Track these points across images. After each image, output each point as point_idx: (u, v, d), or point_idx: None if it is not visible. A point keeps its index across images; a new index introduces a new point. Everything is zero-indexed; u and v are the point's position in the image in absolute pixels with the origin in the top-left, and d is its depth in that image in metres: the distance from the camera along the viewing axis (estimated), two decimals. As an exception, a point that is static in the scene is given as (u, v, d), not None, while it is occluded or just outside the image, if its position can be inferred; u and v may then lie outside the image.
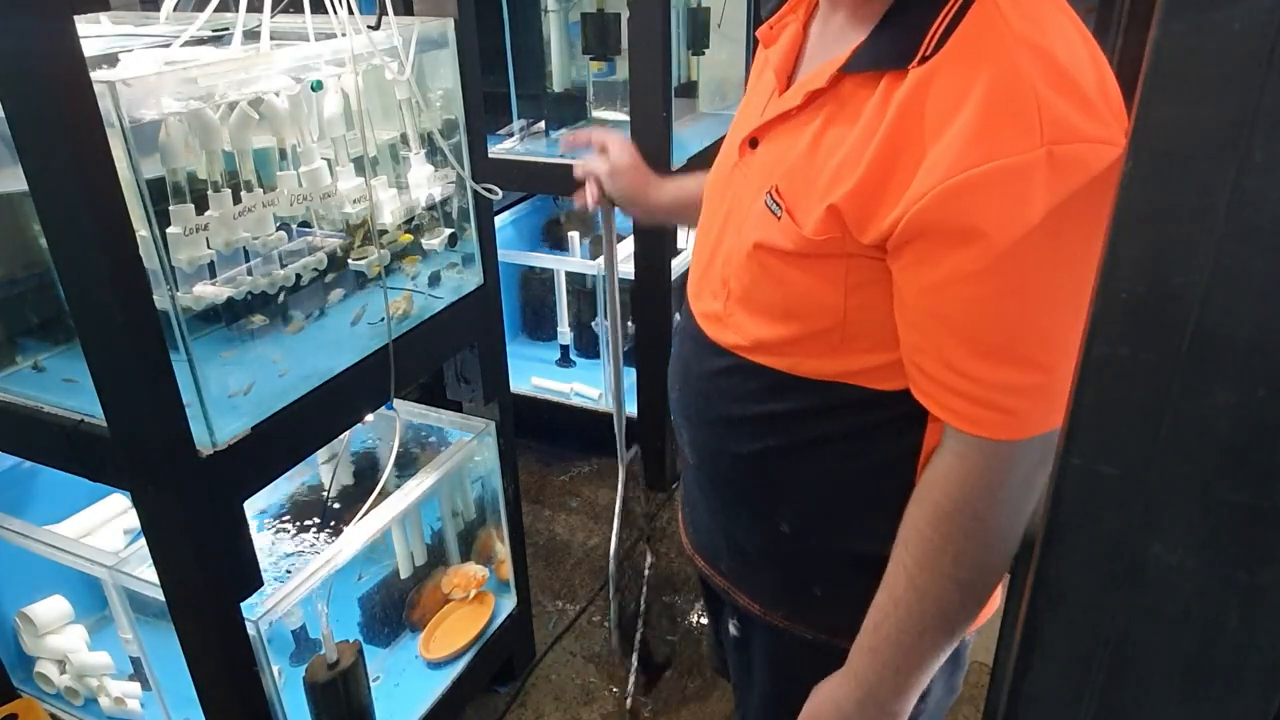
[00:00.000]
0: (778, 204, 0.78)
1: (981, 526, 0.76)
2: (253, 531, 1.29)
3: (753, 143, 0.85)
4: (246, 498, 1.27)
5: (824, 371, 0.83)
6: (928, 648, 0.82)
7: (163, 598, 1.28)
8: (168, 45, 1.28)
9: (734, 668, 1.11)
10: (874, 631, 0.83)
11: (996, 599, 0.95)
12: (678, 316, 1.18)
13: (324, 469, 1.93)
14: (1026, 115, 0.65)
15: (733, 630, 1.06)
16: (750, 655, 1.05)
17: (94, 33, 1.44)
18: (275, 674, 1.39)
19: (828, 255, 0.76)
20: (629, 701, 1.50)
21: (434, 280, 1.65)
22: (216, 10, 1.30)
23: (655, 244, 2.41)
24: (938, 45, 0.69)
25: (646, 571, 1.62)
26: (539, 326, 3.16)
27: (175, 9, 1.43)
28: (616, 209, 1.26)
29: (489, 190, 1.59)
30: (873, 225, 0.71)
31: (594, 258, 2.64)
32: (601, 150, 1.22)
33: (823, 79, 0.76)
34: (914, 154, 0.68)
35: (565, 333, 2.93)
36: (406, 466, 1.82)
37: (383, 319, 1.46)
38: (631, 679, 1.40)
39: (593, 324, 2.95)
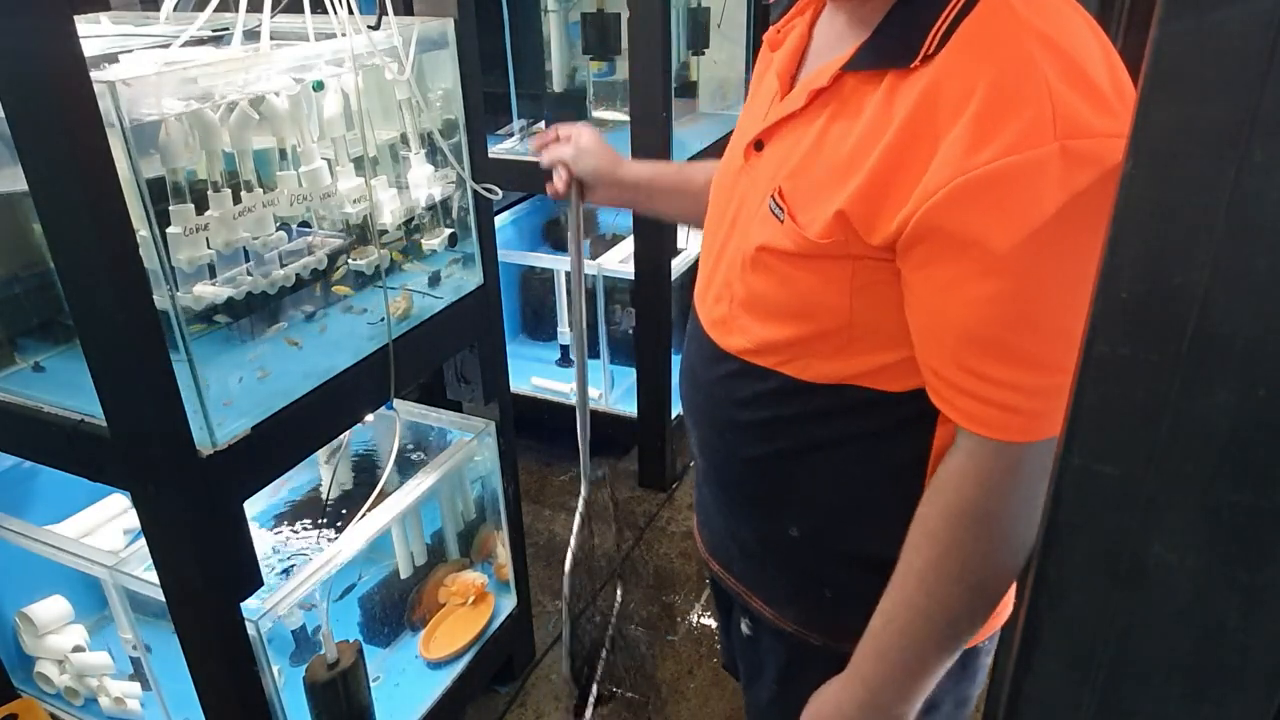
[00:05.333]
0: (780, 206, 0.78)
1: (993, 529, 0.75)
2: (253, 531, 1.30)
3: (758, 145, 0.84)
4: (246, 498, 1.27)
5: (832, 374, 0.82)
6: (934, 651, 0.81)
7: (163, 598, 1.28)
8: (168, 45, 1.28)
9: (745, 666, 1.10)
10: (880, 634, 0.82)
11: (1008, 605, 0.94)
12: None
13: (324, 469, 1.93)
14: (1039, 108, 0.63)
15: (744, 630, 1.06)
16: (761, 656, 1.05)
17: (94, 33, 1.44)
18: (275, 674, 1.39)
19: (833, 257, 0.75)
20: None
21: (434, 280, 1.65)
22: (216, 10, 1.30)
23: (655, 243, 2.41)
24: (942, 41, 0.68)
25: (616, 605, 1.57)
26: (539, 326, 3.16)
27: (175, 9, 1.43)
28: (586, 201, 1.23)
29: (489, 190, 1.59)
30: (880, 226, 0.70)
31: (594, 258, 2.64)
32: (567, 139, 1.20)
33: (825, 78, 0.76)
34: (922, 152, 0.67)
35: (565, 333, 2.93)
36: (406, 466, 1.82)
37: (383, 319, 1.47)
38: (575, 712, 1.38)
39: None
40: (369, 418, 1.52)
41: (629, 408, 2.70)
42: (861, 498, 0.87)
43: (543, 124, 2.82)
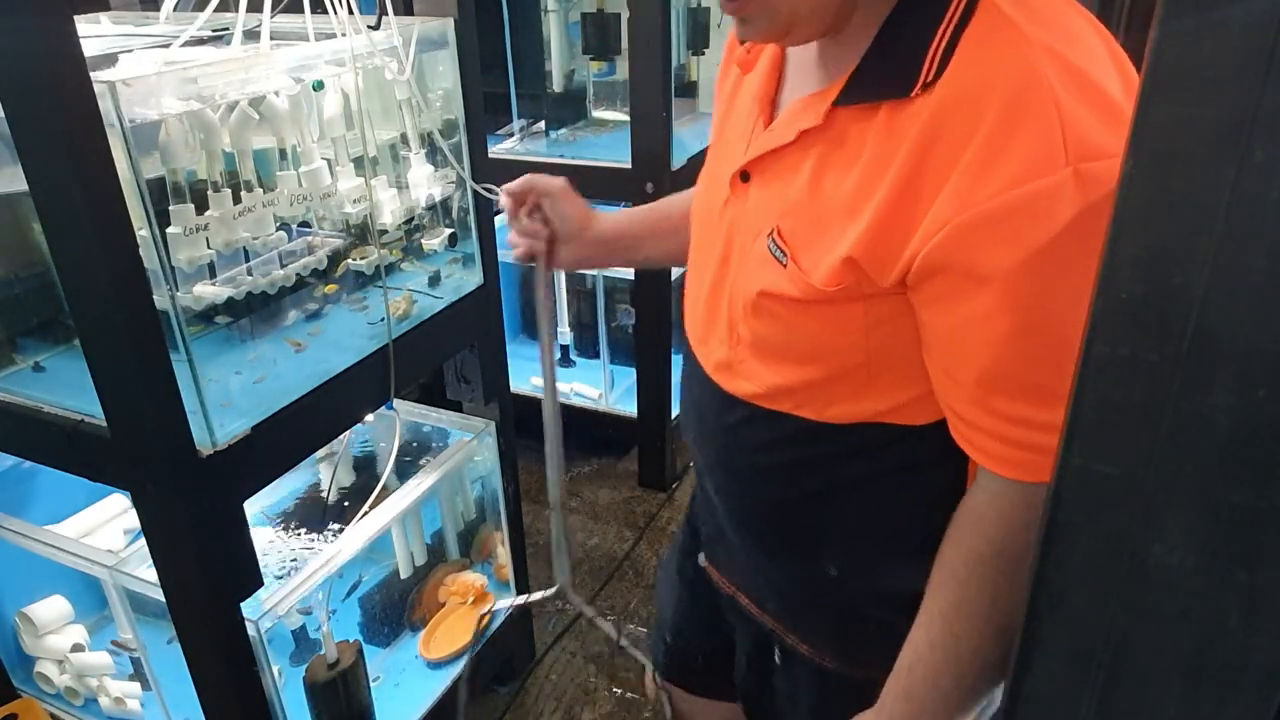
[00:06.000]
0: (782, 250, 0.74)
1: (1020, 569, 0.72)
2: (253, 531, 1.30)
3: (744, 176, 0.79)
4: (246, 498, 1.27)
5: (853, 414, 0.78)
6: (966, 693, 0.78)
7: (163, 598, 1.28)
8: (168, 45, 1.28)
9: (768, 691, 1.06)
10: (908, 674, 0.80)
11: None
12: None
13: (324, 469, 1.93)
14: (1049, 132, 0.60)
15: (777, 660, 1.02)
16: (794, 687, 1.01)
17: (94, 33, 1.44)
18: (275, 674, 1.39)
19: (843, 301, 0.72)
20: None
21: (434, 280, 1.65)
22: (216, 10, 1.30)
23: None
24: (941, 64, 0.64)
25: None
26: (538, 326, 3.15)
27: (175, 9, 1.43)
28: (559, 270, 1.10)
29: (489, 190, 1.59)
30: (891, 266, 0.67)
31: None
32: (535, 205, 1.05)
33: (816, 115, 0.71)
34: (928, 186, 0.64)
35: (565, 333, 2.93)
36: (406, 466, 1.82)
37: (383, 319, 1.47)
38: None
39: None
40: (369, 418, 1.52)
41: (629, 408, 2.70)
42: (903, 531, 0.84)
43: (542, 124, 2.82)
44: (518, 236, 1.06)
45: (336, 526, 1.76)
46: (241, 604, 1.29)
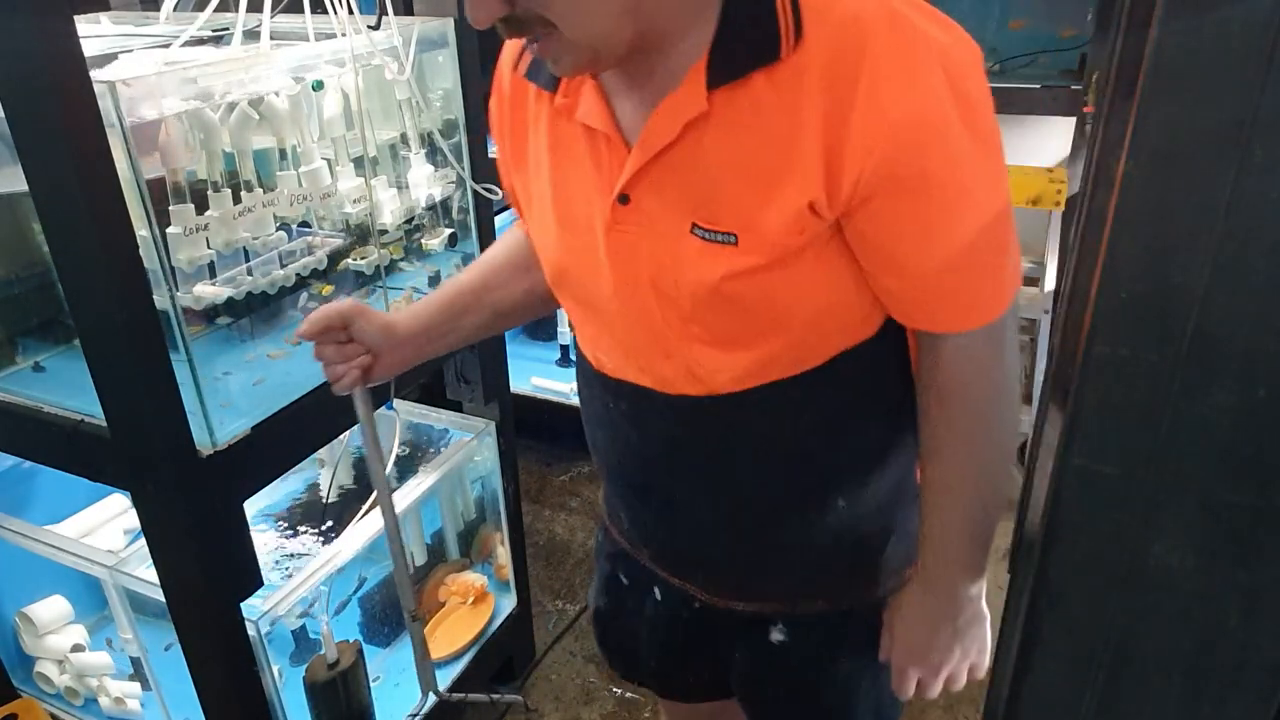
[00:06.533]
0: (725, 233, 0.76)
1: (1006, 396, 0.84)
2: (253, 531, 1.30)
3: (623, 199, 0.80)
4: (246, 498, 1.27)
5: (824, 355, 0.84)
6: (993, 524, 0.89)
7: (163, 598, 1.28)
8: (168, 45, 1.28)
9: (773, 678, 1.06)
10: (940, 540, 0.89)
11: None
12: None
13: (324, 469, 1.93)
14: (917, 45, 0.69)
15: (776, 638, 1.02)
16: (808, 654, 1.02)
17: (94, 33, 1.44)
18: (275, 674, 1.39)
19: (798, 253, 0.77)
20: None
21: (434, 280, 1.65)
22: (216, 10, 1.30)
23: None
24: (797, 21, 0.70)
25: None
26: (539, 326, 3.16)
27: (175, 9, 1.43)
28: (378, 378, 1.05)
29: (489, 190, 1.59)
30: (839, 198, 0.73)
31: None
32: (342, 331, 1.01)
33: (697, 104, 0.74)
34: (845, 119, 0.70)
35: (565, 333, 2.93)
36: (406, 466, 1.83)
37: (383, 319, 1.46)
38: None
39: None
40: (369, 418, 1.52)
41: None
42: (888, 423, 0.91)
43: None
44: (337, 368, 1.02)
45: (336, 527, 1.76)
46: (241, 604, 1.29)
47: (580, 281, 0.89)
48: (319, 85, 1.32)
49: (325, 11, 1.31)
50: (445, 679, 1.80)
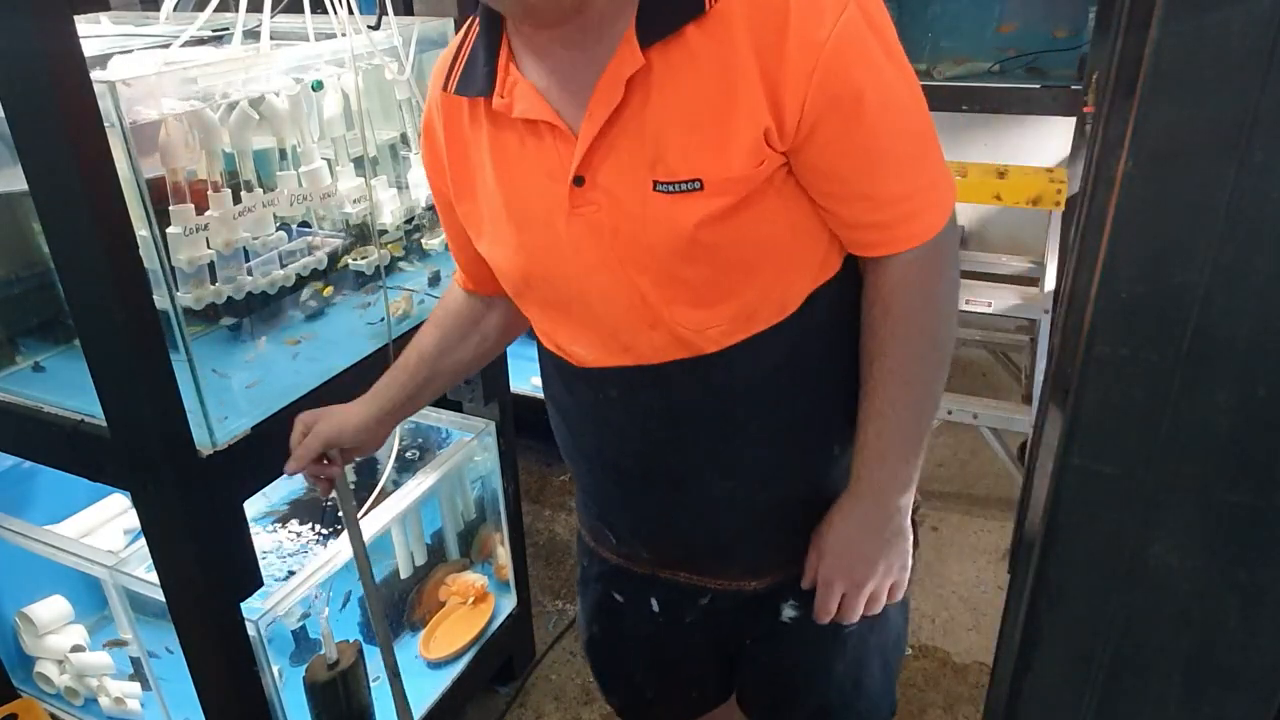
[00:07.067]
0: (687, 181, 0.79)
1: (946, 309, 0.89)
2: (253, 531, 1.29)
3: (578, 180, 0.82)
4: (246, 498, 1.27)
5: (799, 296, 0.87)
6: (927, 430, 0.93)
7: (163, 598, 1.28)
8: (168, 45, 1.28)
9: (789, 662, 1.07)
10: (876, 441, 0.91)
11: None
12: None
13: (324, 469, 1.93)
14: None
15: (788, 614, 1.03)
16: (821, 625, 1.02)
17: (94, 33, 1.44)
18: (275, 674, 1.39)
19: (762, 183, 0.80)
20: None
21: (434, 280, 1.65)
22: (216, 10, 1.30)
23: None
24: None
25: None
26: (539, 326, 3.15)
27: (175, 9, 1.43)
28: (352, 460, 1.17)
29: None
30: (785, 128, 0.78)
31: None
32: (315, 448, 1.11)
33: (634, 62, 0.78)
34: (778, 55, 0.76)
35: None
36: (406, 466, 1.83)
37: (383, 319, 1.47)
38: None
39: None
40: (369, 418, 1.51)
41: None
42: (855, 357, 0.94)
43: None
44: (316, 481, 1.14)
45: (336, 527, 1.76)
46: (241, 604, 1.29)
47: (547, 280, 0.91)
48: (319, 85, 1.32)
49: (325, 11, 1.31)
50: (445, 679, 1.80)
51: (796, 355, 0.90)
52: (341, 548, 1.50)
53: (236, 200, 1.25)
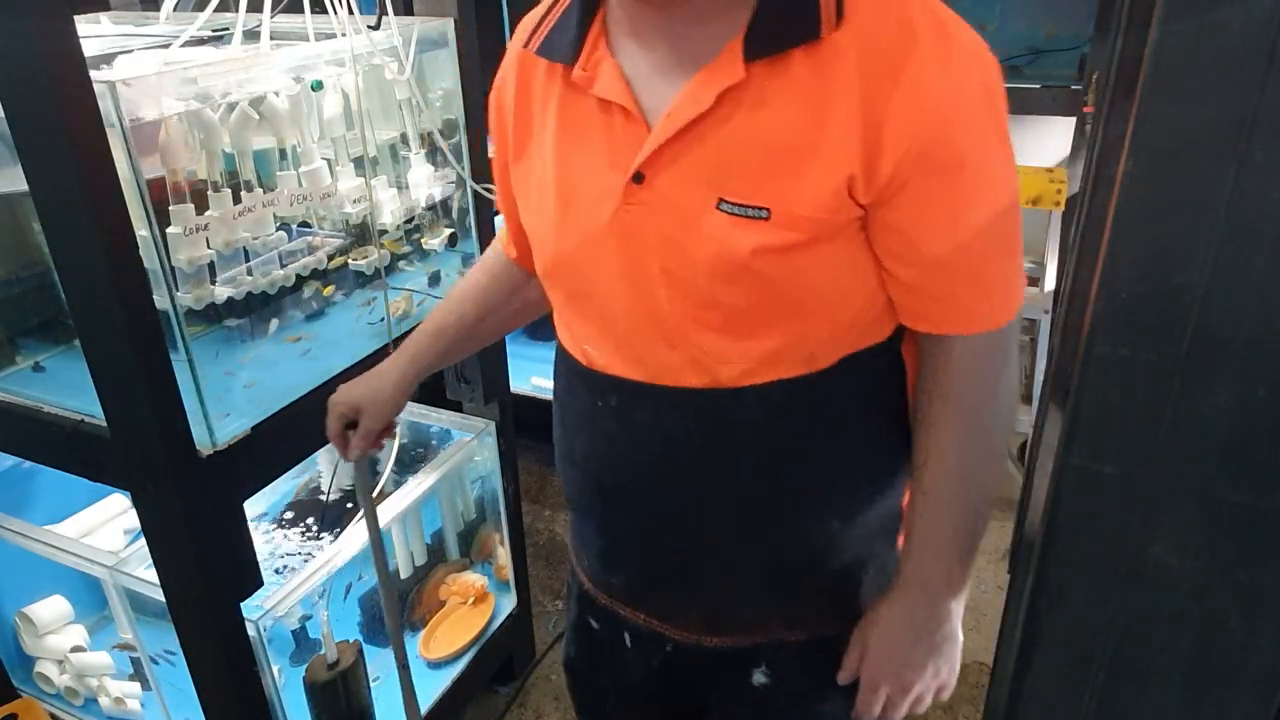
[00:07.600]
0: (756, 207, 0.75)
1: (1006, 403, 0.86)
2: (253, 531, 1.29)
3: (638, 177, 0.79)
4: (246, 498, 1.27)
5: (834, 353, 0.83)
6: (982, 527, 0.88)
7: (163, 598, 1.28)
8: (168, 45, 1.28)
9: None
10: (930, 536, 0.87)
11: None
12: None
13: (324, 469, 1.93)
14: (958, 36, 0.73)
15: (759, 680, 0.98)
16: (793, 694, 0.98)
17: (94, 33, 1.44)
18: (275, 674, 1.39)
19: (827, 237, 0.77)
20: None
21: (434, 280, 1.65)
22: (216, 10, 1.30)
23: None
24: (839, 3, 0.72)
25: None
26: (539, 326, 3.14)
27: (175, 9, 1.43)
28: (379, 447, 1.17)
29: (489, 190, 1.59)
30: (875, 181, 0.74)
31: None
32: (353, 417, 1.12)
33: (734, 74, 0.74)
34: (885, 103, 0.72)
35: (565, 333, 2.93)
36: (406, 466, 1.82)
37: (383, 319, 1.47)
38: None
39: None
40: (369, 418, 1.51)
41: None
42: (884, 446, 0.90)
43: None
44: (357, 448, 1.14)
45: (336, 527, 1.76)
46: (241, 604, 1.29)
47: (579, 269, 0.87)
48: (319, 85, 1.32)
49: (325, 11, 1.31)
50: (445, 679, 1.80)
51: (812, 413, 0.85)
52: (342, 548, 1.50)
53: (236, 200, 1.25)
